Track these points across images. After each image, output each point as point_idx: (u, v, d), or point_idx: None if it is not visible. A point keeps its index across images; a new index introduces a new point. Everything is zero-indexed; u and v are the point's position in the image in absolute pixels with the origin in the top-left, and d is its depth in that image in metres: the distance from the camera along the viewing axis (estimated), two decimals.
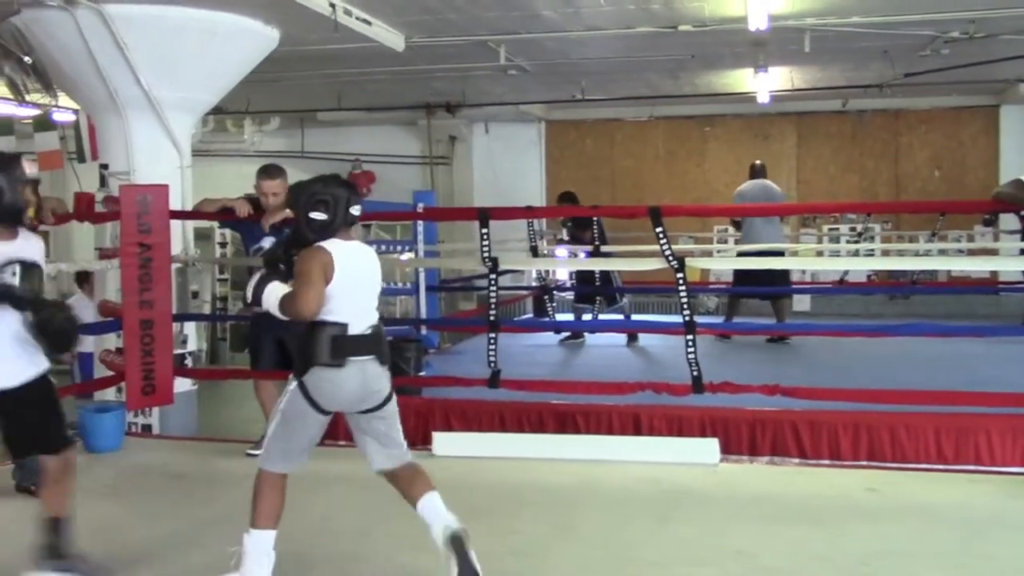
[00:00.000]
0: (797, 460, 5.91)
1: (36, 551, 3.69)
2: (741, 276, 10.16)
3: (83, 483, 3.44)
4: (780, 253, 9.44)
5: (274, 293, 3.66)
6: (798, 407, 6.00)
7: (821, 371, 7.37)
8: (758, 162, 10.58)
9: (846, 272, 11.28)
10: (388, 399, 3.82)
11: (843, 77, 11.31)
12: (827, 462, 5.83)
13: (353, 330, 3.65)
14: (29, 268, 3.66)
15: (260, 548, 3.66)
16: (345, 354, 3.61)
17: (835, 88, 11.86)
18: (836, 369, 7.60)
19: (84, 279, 8.79)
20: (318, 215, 3.63)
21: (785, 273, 9.87)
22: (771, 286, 9.73)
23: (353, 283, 3.65)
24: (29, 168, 3.73)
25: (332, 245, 3.63)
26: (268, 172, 6.10)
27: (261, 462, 3.74)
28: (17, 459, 3.68)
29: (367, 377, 3.69)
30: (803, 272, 11.90)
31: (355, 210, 3.70)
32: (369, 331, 3.70)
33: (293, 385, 3.68)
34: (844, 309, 12.32)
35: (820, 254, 12.88)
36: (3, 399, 3.66)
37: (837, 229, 13.67)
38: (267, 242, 6.15)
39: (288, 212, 6.02)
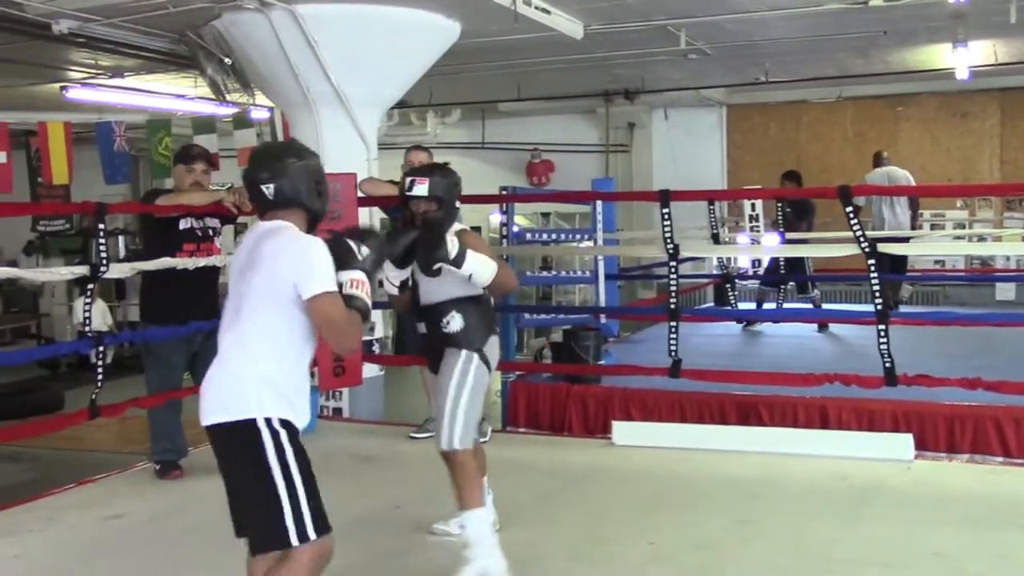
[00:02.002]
0: (1001, 459, 5.56)
1: None
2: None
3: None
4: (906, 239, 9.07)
5: (484, 263, 3.81)
6: (1002, 402, 5.63)
7: None
8: (883, 152, 10.55)
9: None
10: None
11: None
12: None
13: None
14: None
15: (484, 527, 3.77)
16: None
17: None
18: None
19: None
20: (458, 205, 4.01)
21: (900, 260, 9.29)
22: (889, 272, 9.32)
23: None
24: None
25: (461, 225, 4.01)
26: (418, 147, 6.42)
27: (458, 445, 3.79)
28: None
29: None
30: (1007, 259, 11.16)
31: None
32: None
33: (475, 359, 3.88)
34: None
35: None
36: None
37: None
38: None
39: None
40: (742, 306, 10.70)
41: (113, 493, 5.20)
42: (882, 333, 5.65)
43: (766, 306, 10.27)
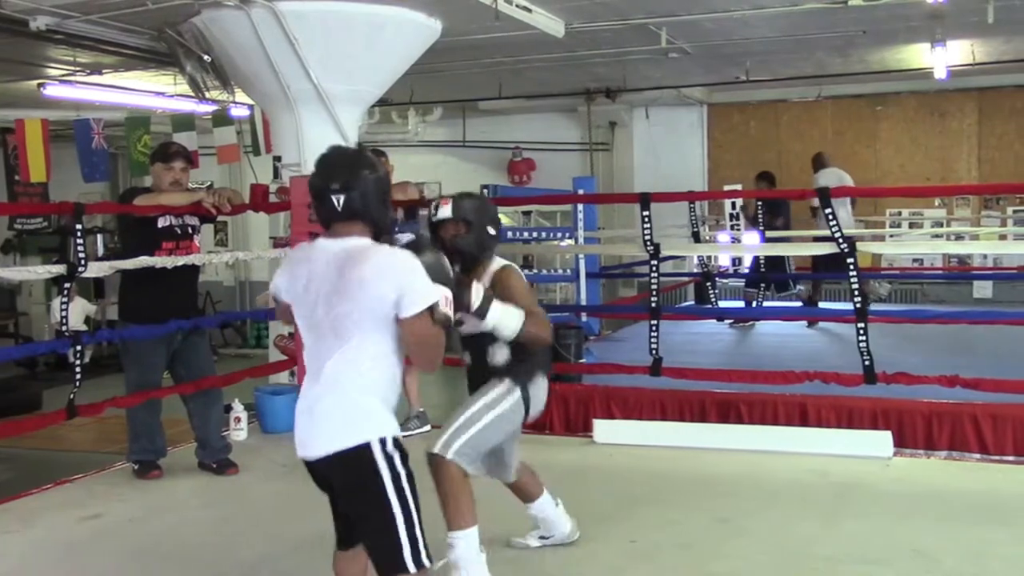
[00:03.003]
0: (978, 456, 5.60)
1: None
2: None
3: (258, 463, 3.58)
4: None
5: (511, 315, 3.50)
6: (980, 400, 5.67)
7: (1005, 361, 6.94)
8: (823, 153, 10.87)
9: None
10: None
11: None
12: (1011, 458, 5.50)
13: None
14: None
15: (471, 549, 3.48)
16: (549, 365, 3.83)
17: (1022, 61, 11.11)
18: (1021, 359, 7.14)
19: None
20: (493, 230, 3.69)
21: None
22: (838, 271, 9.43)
23: None
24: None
25: (509, 263, 3.71)
26: (375, 153, 6.34)
27: (451, 455, 3.50)
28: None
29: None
30: (984, 257, 11.25)
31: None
32: None
33: (516, 393, 3.66)
34: None
35: (1003, 238, 12.13)
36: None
37: None
38: (405, 237, 6.28)
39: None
40: (723, 304, 10.74)
41: (91, 493, 5.16)
42: (861, 331, 5.69)
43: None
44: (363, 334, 2.78)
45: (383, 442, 2.77)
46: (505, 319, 3.47)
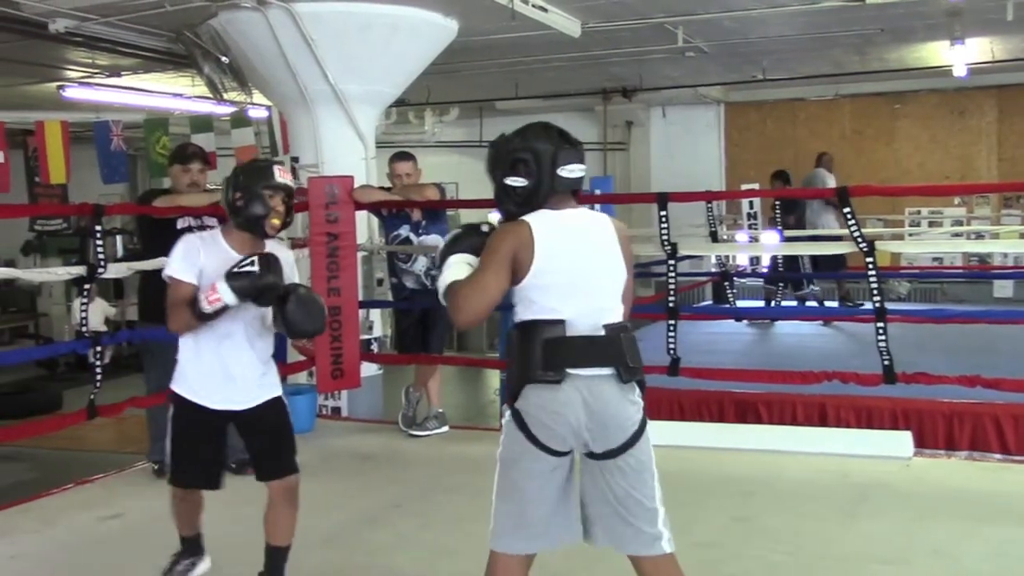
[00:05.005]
0: (999, 456, 5.57)
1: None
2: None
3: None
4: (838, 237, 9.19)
5: (448, 275, 2.78)
6: (1001, 400, 5.63)
7: None
8: (825, 154, 10.98)
9: None
10: (635, 438, 2.74)
11: None
12: None
13: (575, 330, 2.67)
14: (266, 259, 3.30)
15: None
16: (562, 364, 2.64)
17: None
18: None
19: None
20: (516, 180, 2.75)
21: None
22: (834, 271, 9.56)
23: (572, 266, 2.71)
24: (281, 175, 3.47)
25: (538, 218, 2.72)
26: (402, 155, 6.47)
27: (491, 541, 2.74)
28: (259, 479, 3.55)
29: (596, 399, 2.65)
30: (1004, 256, 11.17)
31: (570, 170, 2.77)
32: (602, 332, 2.71)
33: (507, 422, 2.71)
34: None
35: None
36: (237, 419, 3.52)
37: None
38: (404, 230, 6.32)
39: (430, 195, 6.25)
40: (740, 304, 10.71)
41: (111, 493, 5.19)
42: (880, 331, 5.65)
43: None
44: None
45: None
46: (441, 283, 2.80)
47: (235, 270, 3.26)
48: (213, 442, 3.53)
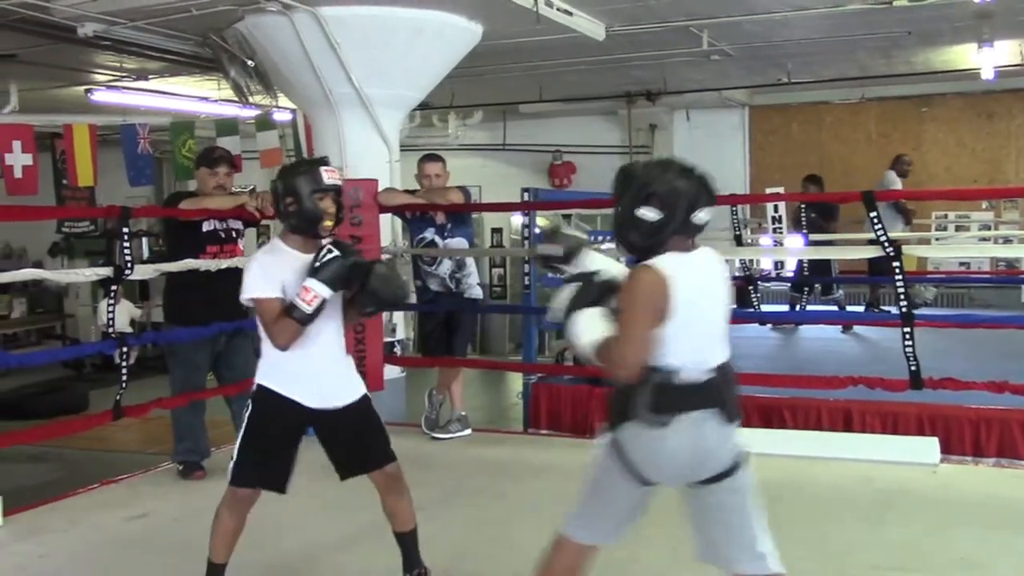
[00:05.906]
0: None
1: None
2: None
3: (300, 463, 3.61)
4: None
5: (588, 332, 2.74)
6: None
7: None
8: (902, 155, 10.84)
9: None
10: (735, 467, 2.85)
11: None
12: None
13: (686, 375, 2.73)
14: (338, 243, 3.43)
15: None
16: (670, 409, 2.70)
17: None
18: None
19: None
20: (649, 213, 2.70)
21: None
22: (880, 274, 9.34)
23: (694, 312, 2.73)
24: (328, 176, 3.47)
25: (667, 262, 2.69)
26: (432, 157, 6.52)
27: (564, 524, 2.94)
28: (345, 477, 3.69)
29: (703, 439, 2.76)
30: None
31: (700, 218, 2.76)
32: (709, 375, 2.78)
33: (607, 450, 2.86)
34: None
35: None
36: (328, 419, 3.61)
37: None
38: (430, 233, 6.32)
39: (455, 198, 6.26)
40: (765, 308, 10.65)
41: (137, 493, 5.23)
42: (907, 336, 5.60)
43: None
44: None
45: None
46: (583, 342, 2.75)
47: (317, 264, 3.31)
48: (293, 443, 3.56)
